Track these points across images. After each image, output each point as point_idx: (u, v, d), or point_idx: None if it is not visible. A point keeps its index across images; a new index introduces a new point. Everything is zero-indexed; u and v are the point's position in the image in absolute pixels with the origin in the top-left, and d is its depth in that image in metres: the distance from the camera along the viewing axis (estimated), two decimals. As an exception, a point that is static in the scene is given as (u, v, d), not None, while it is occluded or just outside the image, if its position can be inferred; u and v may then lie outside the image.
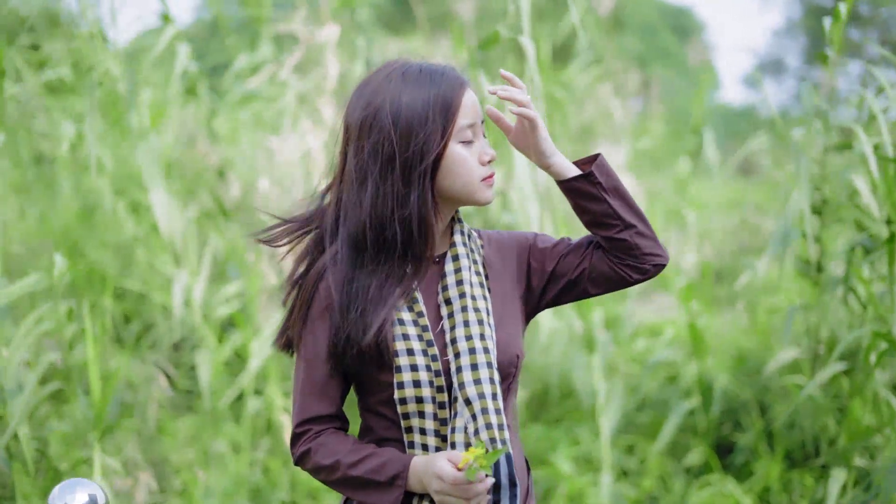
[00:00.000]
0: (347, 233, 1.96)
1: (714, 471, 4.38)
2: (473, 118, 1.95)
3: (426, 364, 1.92)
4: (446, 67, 1.99)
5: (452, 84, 1.94)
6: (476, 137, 1.97)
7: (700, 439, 4.51)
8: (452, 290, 1.99)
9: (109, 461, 3.37)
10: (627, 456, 4.68)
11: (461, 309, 1.97)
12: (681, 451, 4.61)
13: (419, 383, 1.91)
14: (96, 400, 3.27)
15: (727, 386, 4.63)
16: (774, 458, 4.11)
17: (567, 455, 4.47)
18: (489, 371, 1.93)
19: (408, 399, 1.91)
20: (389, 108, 1.92)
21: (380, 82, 1.96)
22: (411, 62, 1.98)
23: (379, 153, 1.92)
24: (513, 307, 2.06)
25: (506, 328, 2.02)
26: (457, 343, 1.94)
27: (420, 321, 1.95)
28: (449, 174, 1.95)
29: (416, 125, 1.90)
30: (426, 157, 1.91)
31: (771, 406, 4.44)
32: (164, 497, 3.91)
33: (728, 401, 4.71)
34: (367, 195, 1.93)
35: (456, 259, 2.02)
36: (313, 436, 1.98)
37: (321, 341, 1.97)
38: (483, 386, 1.92)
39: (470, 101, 1.95)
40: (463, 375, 1.92)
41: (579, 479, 4.31)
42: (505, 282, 2.07)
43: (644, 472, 4.54)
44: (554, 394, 5.05)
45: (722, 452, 4.60)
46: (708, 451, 4.43)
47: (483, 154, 1.97)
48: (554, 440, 4.64)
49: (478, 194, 1.98)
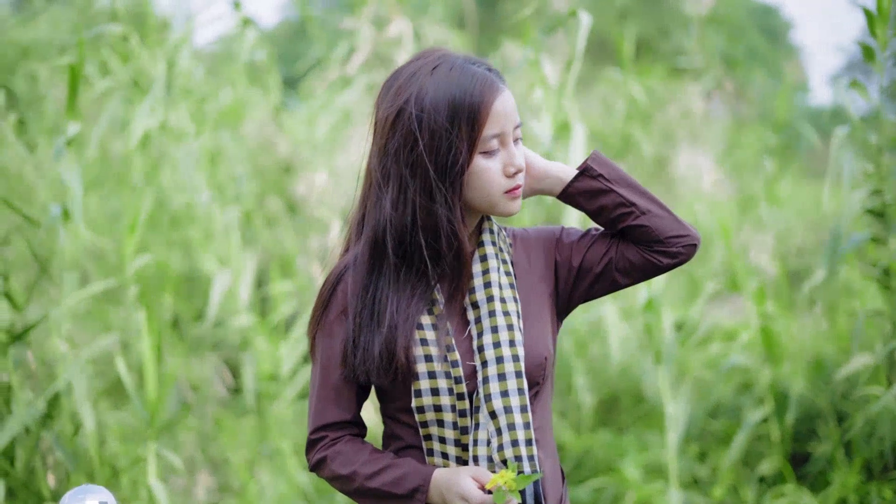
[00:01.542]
0: (367, 235, 1.87)
1: (788, 481, 4.22)
2: (502, 127, 1.83)
3: (445, 371, 1.83)
4: (481, 67, 1.86)
5: (484, 89, 1.82)
6: (503, 146, 1.85)
7: (774, 448, 4.35)
8: (480, 293, 1.89)
9: (169, 458, 3.36)
10: (699, 464, 4.53)
11: (489, 314, 1.87)
12: (754, 460, 4.45)
13: (437, 391, 1.83)
14: (152, 399, 3.27)
15: (803, 393, 4.46)
16: (851, 469, 3.94)
17: (636, 462, 4.35)
18: (517, 381, 1.84)
19: (426, 408, 1.83)
20: (415, 106, 1.81)
21: (409, 76, 1.85)
22: (447, 56, 1.86)
23: (402, 154, 1.82)
24: (541, 307, 1.96)
25: (532, 329, 1.93)
26: (484, 351, 1.85)
27: (440, 325, 1.85)
28: (469, 186, 1.85)
29: (441, 131, 1.79)
30: (452, 169, 1.81)
31: (849, 414, 4.26)
32: (222, 496, 3.90)
33: (804, 408, 4.54)
34: (387, 197, 1.83)
35: (484, 259, 1.92)
36: (329, 443, 1.91)
37: (336, 346, 1.89)
38: (510, 398, 1.82)
39: (502, 107, 1.83)
40: (490, 387, 1.82)
41: (647, 487, 4.19)
42: (533, 281, 1.97)
43: (715, 480, 4.40)
44: (624, 399, 4.93)
45: (797, 462, 4.43)
46: (782, 460, 4.27)
47: (508, 165, 1.85)
48: (622, 447, 4.52)
49: (499, 207, 1.87)
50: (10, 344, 3.15)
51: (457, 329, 1.88)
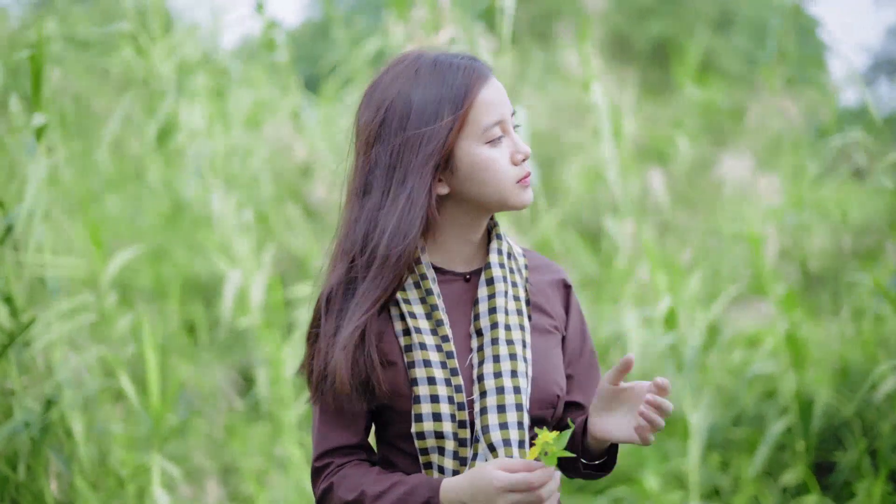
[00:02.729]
0: (343, 250, 1.76)
1: (812, 491, 4.10)
2: (501, 114, 1.74)
3: (448, 395, 1.71)
4: (464, 58, 1.77)
5: (469, 78, 1.73)
6: (506, 133, 1.75)
7: (798, 457, 4.24)
8: (484, 320, 1.77)
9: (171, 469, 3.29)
10: (720, 473, 4.42)
11: (491, 342, 1.75)
12: (777, 470, 4.34)
13: (440, 416, 1.70)
14: (155, 407, 3.20)
15: (828, 401, 4.34)
16: (878, 480, 3.83)
17: (655, 472, 4.24)
18: (518, 414, 1.71)
19: (426, 434, 1.70)
20: (399, 112, 1.72)
21: (389, 81, 1.75)
22: (425, 55, 1.77)
23: (387, 162, 1.71)
24: (554, 342, 1.85)
25: (544, 362, 1.80)
26: (484, 381, 1.72)
27: (445, 346, 1.73)
28: (475, 179, 1.73)
29: (423, 124, 1.70)
30: (423, 152, 1.69)
31: (875, 423, 4.14)
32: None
33: (829, 417, 4.42)
34: (370, 205, 1.73)
35: (491, 283, 1.79)
36: (335, 469, 1.77)
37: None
38: (510, 431, 1.70)
39: (494, 95, 1.74)
40: (488, 418, 1.70)
41: (666, 497, 4.09)
42: (549, 316, 1.86)
43: (737, 490, 4.29)
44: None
45: (821, 472, 4.31)
46: (806, 470, 4.16)
47: (515, 152, 1.75)
48: (642, 456, 4.42)
49: (512, 198, 1.76)
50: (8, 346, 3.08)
51: (460, 354, 1.77)
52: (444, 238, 1.79)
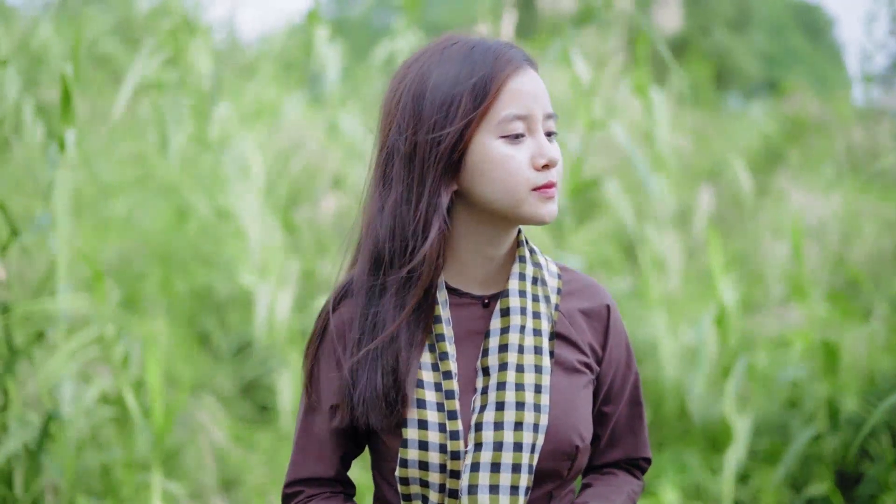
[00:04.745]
0: (367, 249, 1.56)
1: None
2: (528, 108, 1.49)
3: (440, 443, 1.50)
4: (503, 45, 1.53)
5: (498, 62, 1.49)
6: (532, 133, 1.51)
7: (824, 468, 4.10)
8: (493, 358, 1.53)
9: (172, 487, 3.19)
10: (741, 485, 4.29)
11: (497, 385, 1.52)
12: (801, 481, 4.20)
13: (426, 465, 1.50)
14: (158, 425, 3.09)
15: (856, 410, 4.20)
16: (904, 493, 3.70)
17: (674, 484, 4.11)
18: (513, 477, 1.50)
19: (410, 480, 1.51)
20: (415, 90, 1.51)
21: (415, 60, 1.55)
22: (464, 37, 1.55)
23: (402, 148, 1.50)
24: (582, 382, 1.60)
25: (565, 406, 1.56)
26: (482, 430, 1.50)
27: (446, 385, 1.52)
28: (485, 179, 1.50)
29: (438, 109, 1.48)
30: (442, 147, 1.48)
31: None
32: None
33: (856, 426, 4.28)
34: (390, 200, 1.52)
35: (506, 314, 1.55)
36: (304, 500, 1.61)
37: (326, 386, 1.59)
38: (499, 498, 1.49)
39: (525, 85, 1.50)
40: (479, 476, 1.49)
41: (686, 510, 3.97)
42: (579, 351, 1.61)
43: (759, 502, 4.15)
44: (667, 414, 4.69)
45: (847, 483, 4.17)
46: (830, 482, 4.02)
47: (538, 156, 1.50)
48: (660, 466, 4.28)
49: (524, 208, 1.50)
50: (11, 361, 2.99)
51: (462, 390, 1.54)
52: (459, 251, 1.56)
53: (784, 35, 11.98)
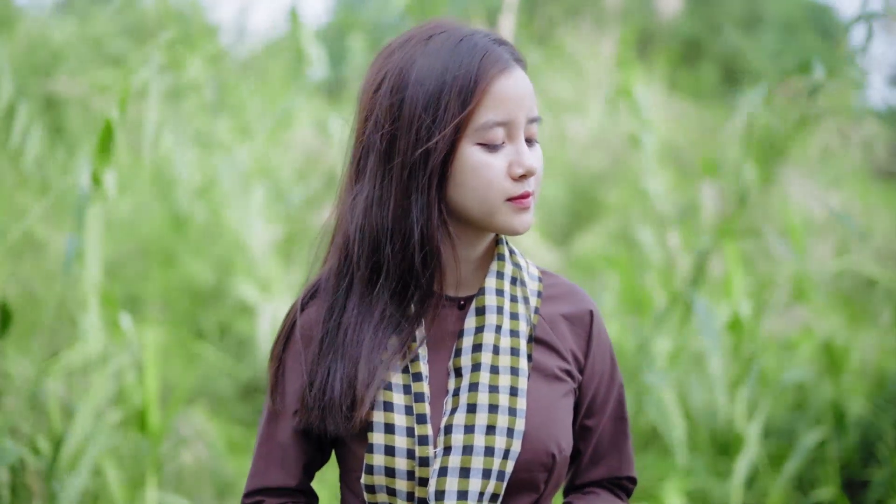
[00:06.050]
0: (337, 244, 1.49)
1: (843, 509, 3.92)
2: (509, 113, 1.42)
3: (407, 448, 1.43)
4: (490, 39, 1.45)
5: (486, 62, 1.41)
6: (512, 140, 1.43)
7: (829, 473, 4.04)
8: (466, 358, 1.46)
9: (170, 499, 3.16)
10: (746, 489, 4.23)
11: (469, 387, 1.45)
12: (806, 485, 4.14)
13: (393, 472, 1.43)
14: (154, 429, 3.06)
15: (863, 413, 4.14)
16: (911, 498, 3.65)
17: (678, 488, 4.06)
18: (482, 483, 1.42)
19: (376, 488, 1.44)
20: (396, 81, 1.42)
21: (398, 47, 1.46)
22: (450, 26, 1.46)
23: (378, 141, 1.43)
24: (562, 390, 1.53)
25: (544, 414, 1.48)
26: (452, 433, 1.43)
27: (415, 387, 1.45)
28: (460, 186, 1.42)
29: (423, 109, 1.40)
30: (431, 156, 1.40)
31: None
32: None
33: (863, 430, 4.22)
34: (362, 195, 1.45)
35: (481, 313, 1.49)
36: None
37: (290, 389, 1.52)
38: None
39: (510, 89, 1.42)
40: (446, 482, 1.41)
41: (689, 515, 3.92)
42: (560, 357, 1.54)
43: (764, 507, 4.11)
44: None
45: (853, 488, 4.12)
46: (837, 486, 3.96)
47: (515, 164, 1.42)
48: (665, 470, 4.23)
49: (498, 217, 1.43)
50: None
51: (435, 395, 1.48)
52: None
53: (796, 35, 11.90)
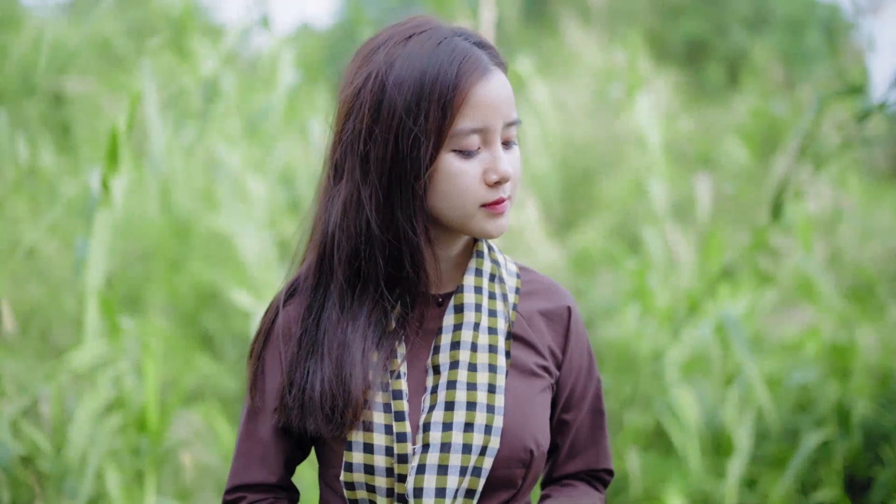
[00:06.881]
0: (315, 244, 1.51)
1: (845, 511, 3.90)
2: (485, 120, 1.41)
3: (386, 446, 1.44)
4: (469, 42, 1.44)
5: (466, 66, 1.40)
6: (486, 145, 1.44)
7: (833, 473, 4.02)
8: (444, 355, 1.48)
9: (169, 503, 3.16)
10: (748, 490, 4.21)
11: (447, 384, 1.46)
12: (808, 486, 4.12)
13: (372, 469, 1.45)
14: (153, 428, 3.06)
15: (867, 413, 4.12)
16: (915, 499, 3.62)
17: (679, 489, 4.04)
18: (459, 480, 1.43)
19: (356, 485, 1.46)
20: (374, 83, 1.42)
21: (377, 46, 1.45)
22: (430, 26, 1.46)
23: (357, 144, 1.43)
24: (540, 386, 1.54)
25: (522, 411, 1.49)
26: (430, 431, 1.44)
27: (394, 385, 1.46)
28: (436, 191, 1.43)
29: (403, 116, 1.40)
30: (413, 165, 1.40)
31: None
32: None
33: (867, 430, 4.20)
34: (339, 197, 1.46)
35: (460, 310, 1.50)
36: None
37: (270, 387, 1.52)
38: (446, 502, 1.42)
39: (489, 95, 1.41)
40: (424, 479, 1.42)
41: (690, 516, 3.90)
42: (537, 353, 1.55)
43: (766, 508, 4.09)
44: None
45: (856, 489, 4.09)
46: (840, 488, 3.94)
47: (490, 171, 1.43)
48: (666, 471, 4.22)
49: (473, 223, 1.45)
50: None
51: (413, 392, 1.48)
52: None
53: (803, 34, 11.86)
